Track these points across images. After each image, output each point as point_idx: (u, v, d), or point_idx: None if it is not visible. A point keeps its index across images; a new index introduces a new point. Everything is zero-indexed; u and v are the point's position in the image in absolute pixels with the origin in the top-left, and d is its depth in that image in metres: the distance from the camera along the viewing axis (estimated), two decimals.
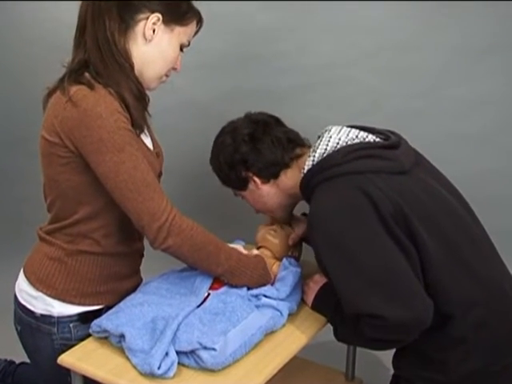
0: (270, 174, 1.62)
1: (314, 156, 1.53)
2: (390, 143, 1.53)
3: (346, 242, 1.39)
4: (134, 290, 1.58)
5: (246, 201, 1.73)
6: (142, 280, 1.66)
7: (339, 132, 1.55)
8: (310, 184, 1.52)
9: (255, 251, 1.65)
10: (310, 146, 1.63)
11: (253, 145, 1.60)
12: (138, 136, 1.45)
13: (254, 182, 1.64)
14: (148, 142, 1.54)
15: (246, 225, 1.84)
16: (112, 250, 1.53)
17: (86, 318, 1.51)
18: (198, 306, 1.49)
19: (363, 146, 1.50)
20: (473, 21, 2.06)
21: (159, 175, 1.56)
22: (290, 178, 1.62)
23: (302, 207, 1.77)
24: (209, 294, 1.53)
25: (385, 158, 1.49)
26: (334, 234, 1.41)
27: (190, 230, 1.41)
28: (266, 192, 1.66)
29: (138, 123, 1.43)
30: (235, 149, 1.62)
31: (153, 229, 1.38)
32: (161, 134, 1.66)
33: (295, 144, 1.63)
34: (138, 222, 1.39)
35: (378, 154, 1.49)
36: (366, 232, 1.39)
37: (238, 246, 1.59)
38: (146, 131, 1.50)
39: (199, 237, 1.43)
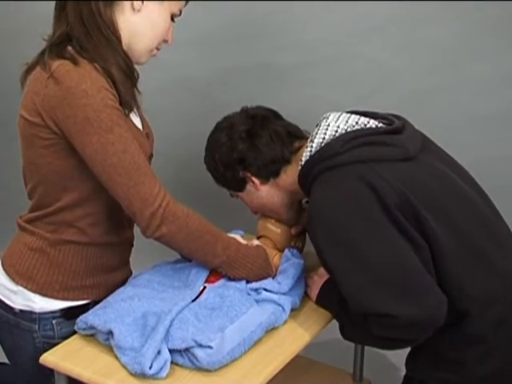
0: (270, 172, 1.63)
1: (312, 146, 1.53)
2: (393, 128, 1.53)
3: (348, 236, 1.40)
4: (122, 283, 1.58)
5: (243, 202, 1.73)
6: (131, 272, 1.66)
7: (338, 119, 1.55)
8: (309, 176, 1.53)
9: (255, 241, 1.64)
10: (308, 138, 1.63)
11: (250, 142, 1.61)
12: (127, 115, 1.44)
13: (253, 182, 1.64)
14: (137, 122, 1.53)
15: (246, 213, 1.83)
16: (99, 239, 1.52)
17: (70, 314, 1.50)
18: (193, 301, 1.49)
19: (364, 133, 1.50)
20: None
21: (149, 158, 1.55)
22: (290, 175, 1.62)
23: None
24: (205, 288, 1.53)
25: (388, 145, 1.48)
26: (335, 227, 1.41)
27: (185, 217, 1.41)
28: (266, 192, 1.66)
29: (127, 101, 1.42)
30: (231, 147, 1.62)
31: (145, 216, 1.38)
32: (152, 114, 1.65)
33: (294, 137, 1.64)
34: (129, 209, 1.39)
35: (380, 141, 1.49)
36: (370, 224, 1.39)
37: (237, 237, 1.58)
38: (134, 110, 1.50)
39: (195, 225, 1.43)
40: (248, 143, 1.61)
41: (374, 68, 2.20)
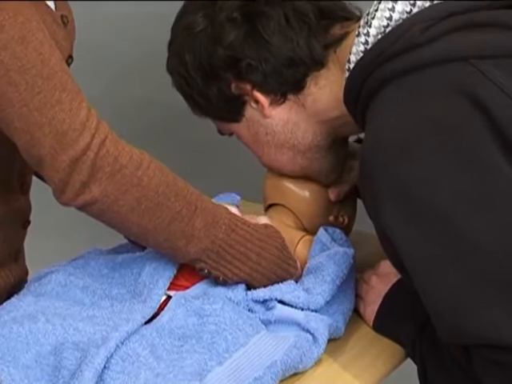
0: (287, 84, 1.60)
1: (368, 33, 1.50)
2: None
3: (437, 201, 1.36)
4: (10, 289, 1.62)
5: (243, 143, 1.73)
6: (26, 272, 1.71)
7: None
8: (363, 88, 1.51)
9: (263, 219, 1.63)
10: (359, 19, 1.59)
11: (249, 26, 1.58)
12: None
13: (257, 102, 1.63)
14: None
15: (244, 165, 1.85)
16: None
17: None
18: (148, 322, 1.47)
19: (462, 8, 1.47)
20: None
21: (67, 61, 1.56)
22: (326, 88, 1.61)
23: None
24: (169, 299, 1.52)
25: (506, 27, 1.46)
26: (412, 184, 1.38)
27: (135, 167, 1.41)
28: (281, 122, 1.65)
29: None
30: (216, 38, 1.60)
31: (61, 164, 1.37)
32: None
33: (334, 18, 1.61)
34: (30, 151, 1.39)
35: (493, 21, 1.47)
36: (478, 177, 1.36)
37: (231, 207, 1.58)
38: None
39: (154, 182, 1.43)
40: (245, 29, 1.58)
41: None
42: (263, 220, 1.61)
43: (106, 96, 1.95)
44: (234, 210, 1.56)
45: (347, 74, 1.52)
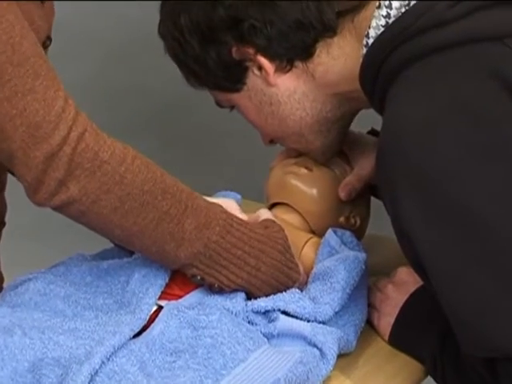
0: (293, 49, 1.58)
1: (390, 6, 1.49)
2: None
3: (465, 199, 1.35)
4: None
5: (244, 116, 1.72)
6: (2, 278, 1.75)
7: None
8: (382, 69, 1.49)
9: (264, 213, 1.62)
10: None
11: None
12: None
13: (260, 69, 1.62)
14: None
15: (244, 160, 1.82)
16: None
17: None
18: (137, 336, 1.45)
19: None
20: None
21: (44, 44, 1.55)
22: (339, 59, 1.59)
23: (368, 118, 1.75)
24: (160, 309, 1.50)
25: None
26: (437, 179, 1.37)
27: (118, 163, 1.40)
28: (287, 92, 1.64)
29: None
30: None
31: (34, 160, 1.36)
32: None
33: None
34: (1, 145, 1.38)
35: None
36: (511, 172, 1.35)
37: (229, 203, 1.57)
38: None
39: (139, 179, 1.42)
40: None
41: None
42: (264, 214, 1.60)
43: (86, 84, 1.91)
44: (234, 205, 1.56)
45: (365, 50, 1.51)
